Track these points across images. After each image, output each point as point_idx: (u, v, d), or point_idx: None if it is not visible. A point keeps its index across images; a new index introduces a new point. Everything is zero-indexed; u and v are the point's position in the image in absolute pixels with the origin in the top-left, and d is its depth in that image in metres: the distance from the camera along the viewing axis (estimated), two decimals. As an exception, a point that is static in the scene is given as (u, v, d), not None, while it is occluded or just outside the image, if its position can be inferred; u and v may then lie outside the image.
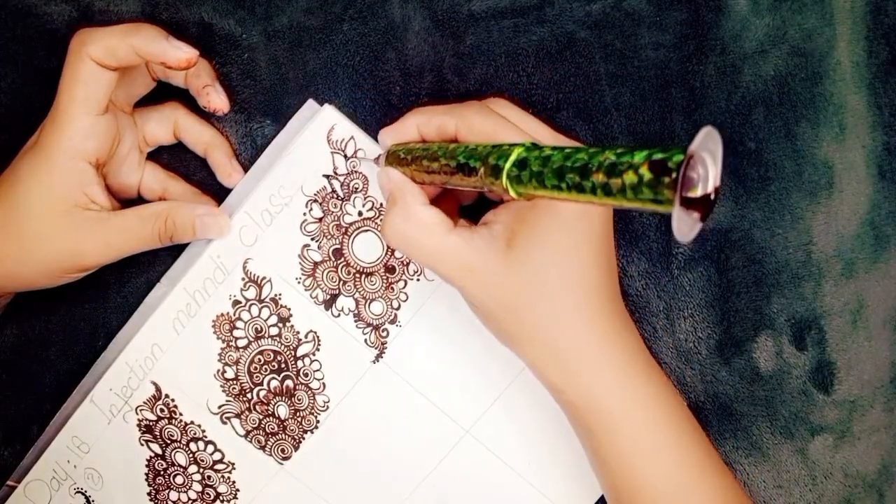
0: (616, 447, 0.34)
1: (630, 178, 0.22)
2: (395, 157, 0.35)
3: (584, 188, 0.24)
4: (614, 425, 0.34)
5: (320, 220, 0.40)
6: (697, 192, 0.22)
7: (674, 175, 0.20)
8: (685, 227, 0.21)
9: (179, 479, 0.43)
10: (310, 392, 0.42)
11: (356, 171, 0.39)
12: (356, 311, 0.41)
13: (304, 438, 0.42)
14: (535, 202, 0.33)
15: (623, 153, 0.23)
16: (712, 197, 0.22)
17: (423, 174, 0.33)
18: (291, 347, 0.41)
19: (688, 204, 0.21)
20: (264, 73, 0.41)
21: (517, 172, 0.27)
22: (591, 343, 0.33)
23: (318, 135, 0.39)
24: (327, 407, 0.42)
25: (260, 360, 0.42)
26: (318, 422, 0.42)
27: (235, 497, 0.43)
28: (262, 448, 0.43)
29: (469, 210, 0.40)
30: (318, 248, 0.40)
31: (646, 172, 0.21)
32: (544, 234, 0.32)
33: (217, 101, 0.39)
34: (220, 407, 0.42)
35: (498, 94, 0.39)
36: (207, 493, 0.43)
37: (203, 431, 0.42)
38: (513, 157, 0.27)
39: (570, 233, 0.33)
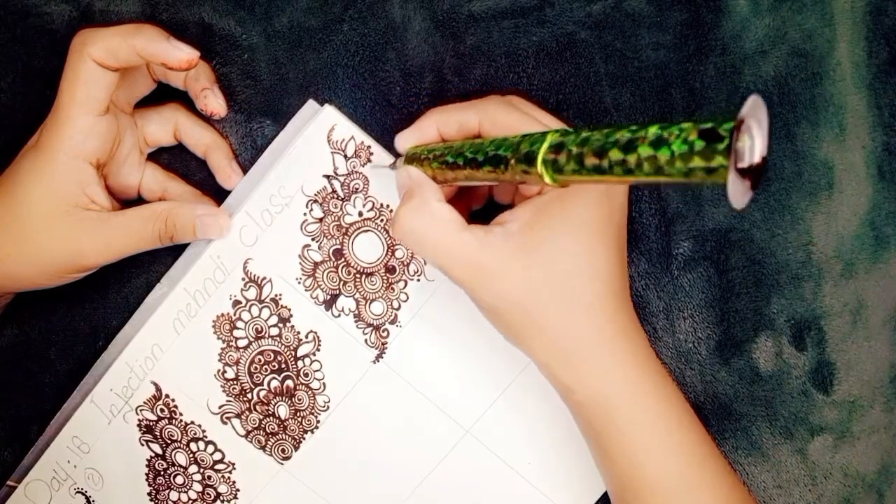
0: (624, 446, 0.34)
1: (680, 147, 0.22)
2: (415, 159, 0.35)
3: (629, 165, 0.23)
4: (623, 425, 0.34)
5: (321, 220, 0.40)
6: (745, 162, 0.21)
7: (726, 141, 0.20)
8: (739, 194, 0.21)
9: (180, 479, 0.43)
10: (310, 392, 0.42)
11: (356, 172, 0.39)
12: (356, 312, 0.41)
13: (304, 438, 0.42)
14: (552, 201, 0.32)
15: (667, 126, 0.22)
16: (760, 165, 0.22)
17: (446, 172, 0.33)
18: (292, 347, 0.41)
19: (738, 173, 0.21)
20: (264, 74, 0.41)
21: (553, 157, 0.26)
22: (602, 343, 0.33)
23: (318, 135, 0.39)
24: (328, 407, 0.42)
25: (260, 360, 0.42)
26: (318, 422, 0.42)
27: (236, 497, 0.43)
28: (263, 448, 0.43)
29: (477, 215, 0.40)
30: (319, 248, 0.40)
31: (696, 140, 0.21)
32: (561, 234, 0.32)
33: (214, 104, 0.39)
34: (220, 407, 0.42)
35: (513, 91, 0.39)
36: (208, 493, 0.43)
37: (203, 431, 0.42)
38: (548, 142, 0.27)
39: (587, 232, 0.32)
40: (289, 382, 0.42)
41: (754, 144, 0.21)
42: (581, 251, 0.32)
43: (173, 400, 0.42)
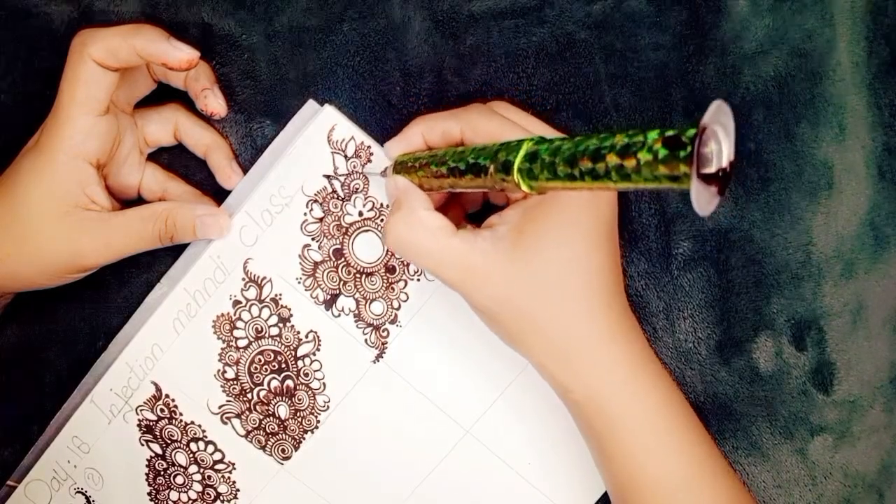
0: (622, 445, 0.34)
1: (645, 156, 0.22)
2: (403, 167, 0.35)
3: (598, 172, 0.24)
4: (621, 424, 0.34)
5: (321, 220, 0.40)
6: (712, 168, 0.22)
7: (689, 148, 0.20)
8: (704, 200, 0.21)
9: (180, 479, 0.43)
10: (310, 392, 0.42)
11: (357, 172, 0.39)
12: (356, 311, 0.41)
13: (304, 438, 0.42)
14: (542, 202, 0.33)
15: (634, 134, 0.23)
16: (728, 170, 0.22)
17: (432, 180, 0.33)
18: (292, 347, 0.41)
19: (704, 179, 0.21)
20: (264, 74, 0.41)
21: (528, 166, 0.27)
22: (598, 342, 0.33)
23: (318, 135, 0.39)
24: (328, 407, 0.42)
25: (260, 360, 0.42)
26: (318, 422, 0.42)
27: (236, 497, 0.43)
28: (263, 448, 0.43)
29: (475, 217, 0.40)
30: (319, 248, 0.40)
31: (660, 149, 0.21)
32: (551, 233, 0.32)
33: (214, 104, 0.39)
34: (220, 407, 0.42)
35: (498, 97, 0.39)
36: (208, 493, 0.43)
37: (203, 431, 0.43)
38: (523, 151, 0.28)
39: (577, 231, 0.33)
40: (289, 382, 0.42)
41: (721, 150, 0.22)
42: (570, 251, 0.33)
43: (173, 400, 0.42)
